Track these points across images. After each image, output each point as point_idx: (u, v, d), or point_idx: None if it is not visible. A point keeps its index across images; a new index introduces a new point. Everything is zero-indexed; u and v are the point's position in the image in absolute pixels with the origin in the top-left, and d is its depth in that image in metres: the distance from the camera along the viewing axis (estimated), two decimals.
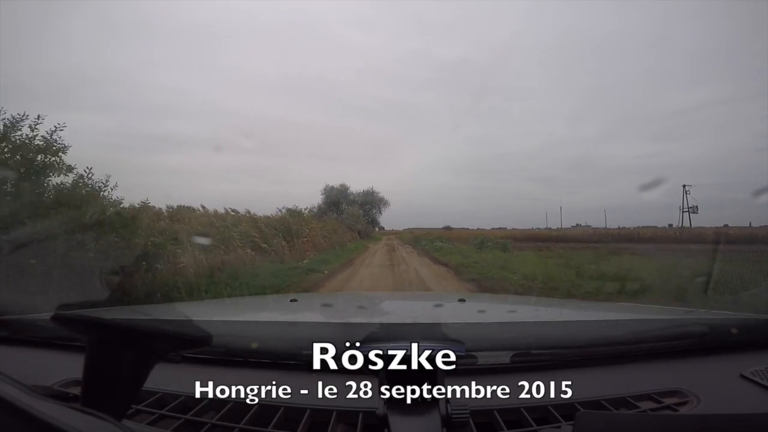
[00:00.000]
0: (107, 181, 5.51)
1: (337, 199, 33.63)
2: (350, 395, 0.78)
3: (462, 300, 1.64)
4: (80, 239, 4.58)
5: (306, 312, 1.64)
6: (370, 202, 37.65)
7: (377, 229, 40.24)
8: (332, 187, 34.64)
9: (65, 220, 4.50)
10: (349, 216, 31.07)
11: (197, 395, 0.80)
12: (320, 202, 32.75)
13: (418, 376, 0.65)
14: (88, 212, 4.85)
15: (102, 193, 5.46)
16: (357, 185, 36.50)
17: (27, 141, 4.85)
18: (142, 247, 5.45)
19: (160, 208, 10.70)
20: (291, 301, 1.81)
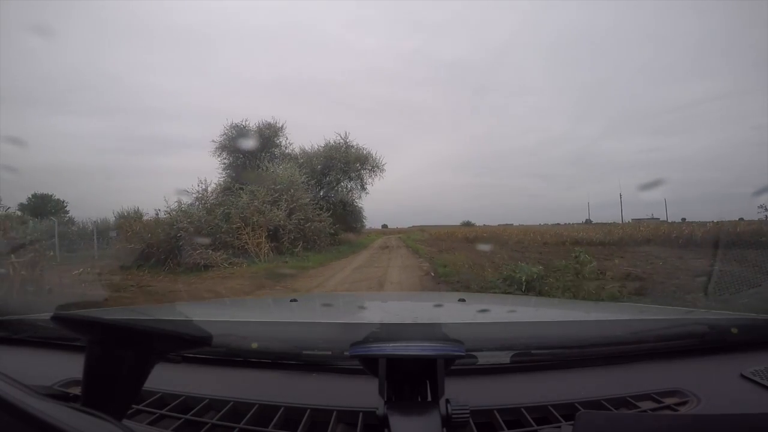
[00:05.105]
0: None
1: (254, 154, 14.87)
2: (350, 395, 0.78)
3: (462, 300, 1.64)
4: None
5: (306, 312, 1.64)
6: (341, 166, 16.75)
7: (359, 227, 19.69)
8: (236, 125, 15.96)
9: None
10: (268, 193, 12.74)
11: (197, 395, 0.80)
12: (220, 172, 15.67)
13: (418, 376, 0.65)
14: None
15: None
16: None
17: None
18: None
19: None
20: (291, 301, 1.81)
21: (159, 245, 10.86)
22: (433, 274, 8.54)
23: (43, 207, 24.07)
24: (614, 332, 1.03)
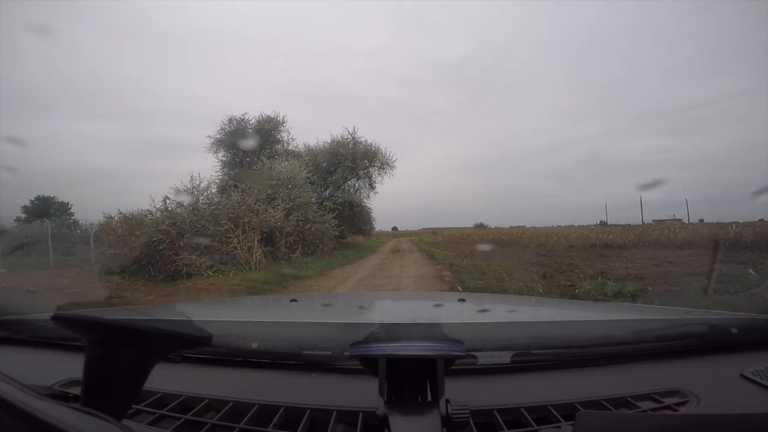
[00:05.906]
0: None
1: (253, 151, 14.15)
2: (350, 395, 0.78)
3: (462, 300, 1.64)
4: None
5: (306, 312, 1.64)
6: (348, 163, 15.46)
7: (368, 229, 19.09)
8: (234, 118, 15.23)
9: None
10: (262, 190, 11.46)
11: (197, 395, 0.80)
12: (218, 167, 14.91)
13: (419, 376, 0.65)
14: None
15: None
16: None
17: None
18: None
19: None
20: (291, 301, 1.81)
21: (141, 250, 9.58)
22: (460, 289, 6.71)
23: (47, 209, 24.03)
24: (614, 332, 1.03)
